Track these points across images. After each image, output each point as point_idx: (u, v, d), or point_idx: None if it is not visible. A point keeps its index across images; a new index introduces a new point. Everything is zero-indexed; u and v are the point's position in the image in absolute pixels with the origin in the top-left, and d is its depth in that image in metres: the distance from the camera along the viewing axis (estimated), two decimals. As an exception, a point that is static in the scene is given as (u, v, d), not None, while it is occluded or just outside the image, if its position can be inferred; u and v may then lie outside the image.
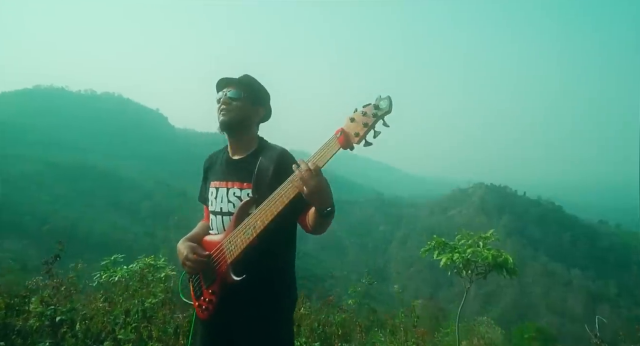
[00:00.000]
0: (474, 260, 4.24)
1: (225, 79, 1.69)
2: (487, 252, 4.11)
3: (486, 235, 4.44)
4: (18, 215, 55.24)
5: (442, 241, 4.56)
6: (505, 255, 4.12)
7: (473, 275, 4.31)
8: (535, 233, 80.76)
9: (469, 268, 4.29)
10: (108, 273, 4.64)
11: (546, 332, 20.30)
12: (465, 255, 4.20)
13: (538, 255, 70.13)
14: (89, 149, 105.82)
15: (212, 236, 1.65)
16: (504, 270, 4.09)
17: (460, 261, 4.22)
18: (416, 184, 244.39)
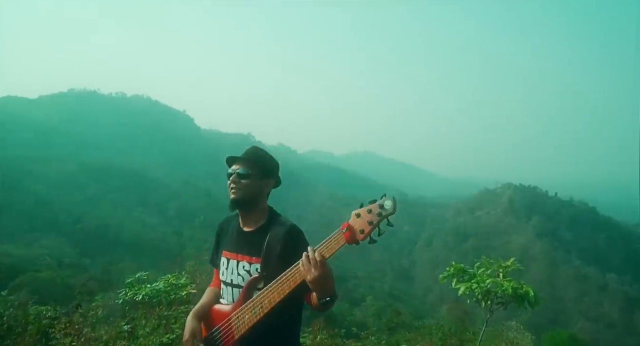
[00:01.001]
0: (493, 291, 4.13)
1: (233, 157, 1.77)
2: (507, 283, 4.01)
3: (507, 264, 4.32)
4: (54, 214, 57.81)
5: (460, 268, 4.46)
6: (526, 287, 3.99)
7: (492, 305, 4.21)
8: (568, 235, 77.84)
9: (489, 298, 4.18)
10: (133, 290, 4.79)
11: (579, 339, 19.44)
12: (484, 286, 4.10)
13: (571, 258, 67.66)
14: (119, 150, 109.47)
15: (223, 306, 1.71)
16: (525, 301, 3.98)
17: (479, 292, 4.12)
18: (442, 184, 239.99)
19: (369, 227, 1.41)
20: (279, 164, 1.82)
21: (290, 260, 1.50)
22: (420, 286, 67.95)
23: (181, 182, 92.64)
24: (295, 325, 1.72)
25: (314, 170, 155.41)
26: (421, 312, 34.99)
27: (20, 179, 65.67)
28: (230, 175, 1.72)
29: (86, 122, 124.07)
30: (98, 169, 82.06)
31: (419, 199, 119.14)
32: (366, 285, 50.63)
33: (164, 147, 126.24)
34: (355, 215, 1.45)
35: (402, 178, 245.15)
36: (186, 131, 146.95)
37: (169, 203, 78.32)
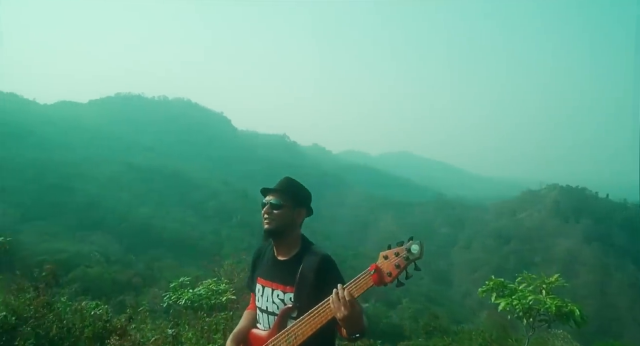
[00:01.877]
0: (535, 307, 3.95)
1: (267, 188, 1.84)
2: (550, 301, 3.81)
3: (550, 280, 4.10)
4: (102, 212, 61.24)
5: (500, 282, 4.30)
6: (571, 306, 3.77)
7: (535, 322, 4.03)
8: (621, 239, 72.91)
9: (531, 315, 4.01)
10: (176, 295, 5.04)
11: (635, 351, 18.12)
12: (526, 302, 3.93)
13: (624, 264, 63.44)
14: (161, 151, 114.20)
15: (260, 331, 1.80)
16: (571, 320, 3.76)
17: (521, 309, 3.96)
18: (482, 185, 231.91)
19: (396, 271, 1.45)
20: (311, 194, 1.89)
21: (323, 289, 1.55)
22: (459, 289, 66.00)
23: (219, 182, 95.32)
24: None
25: (349, 171, 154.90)
26: (459, 316, 34.04)
27: (72, 179, 70.17)
28: (264, 206, 1.79)
29: (131, 125, 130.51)
30: (142, 170, 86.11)
31: (457, 200, 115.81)
32: (402, 287, 49.82)
33: (203, 148, 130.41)
34: (383, 256, 1.49)
35: (440, 178, 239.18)
36: (224, 132, 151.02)
37: (207, 202, 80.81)
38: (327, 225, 78.80)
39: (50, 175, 67.93)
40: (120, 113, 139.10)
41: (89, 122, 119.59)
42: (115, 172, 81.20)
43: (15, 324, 3.46)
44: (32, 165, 69.21)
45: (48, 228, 48.41)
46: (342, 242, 69.94)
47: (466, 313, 42.27)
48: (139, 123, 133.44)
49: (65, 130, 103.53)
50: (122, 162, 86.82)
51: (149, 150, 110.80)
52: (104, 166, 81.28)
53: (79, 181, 70.62)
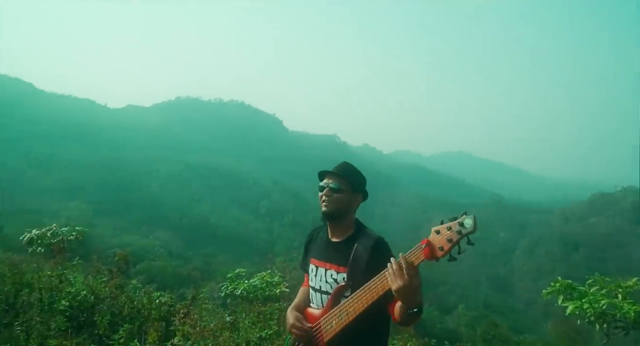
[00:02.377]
0: (610, 313, 3.56)
1: (326, 171, 1.87)
2: (627, 306, 3.41)
3: (627, 284, 3.67)
4: (165, 209, 65.37)
5: (568, 284, 3.93)
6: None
7: (610, 329, 3.64)
8: None
9: (604, 320, 3.62)
10: (233, 285, 5.31)
11: None
12: (598, 306, 3.56)
13: None
14: (217, 151, 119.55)
15: (313, 310, 1.85)
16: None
17: (592, 314, 3.59)
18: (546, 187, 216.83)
19: (449, 245, 1.41)
20: (366, 179, 1.91)
21: (375, 271, 1.55)
22: (520, 298, 62.17)
23: (271, 181, 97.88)
24: (381, 333, 1.77)
25: (400, 171, 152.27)
26: (521, 326, 32.14)
27: (139, 178, 75.69)
28: (323, 189, 1.82)
29: (190, 126, 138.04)
30: (199, 169, 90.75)
31: (518, 203, 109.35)
32: (457, 292, 47.99)
33: (256, 148, 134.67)
34: (434, 231, 1.46)
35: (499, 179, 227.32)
36: (276, 133, 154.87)
37: (260, 201, 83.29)
38: (379, 224, 77.82)
39: (119, 174, 73.84)
40: (180, 115, 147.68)
41: (153, 124, 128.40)
42: (176, 171, 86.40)
43: (94, 302, 3.77)
44: (104, 164, 75.68)
45: (118, 223, 52.49)
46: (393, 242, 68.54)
47: (529, 323, 39.76)
48: (196, 125, 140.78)
49: (132, 132, 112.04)
50: (182, 161, 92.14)
51: (206, 150, 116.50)
52: (166, 165, 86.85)
53: (144, 179, 76.04)
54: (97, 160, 77.34)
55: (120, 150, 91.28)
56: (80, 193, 62.16)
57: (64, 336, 3.17)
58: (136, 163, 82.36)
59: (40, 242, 5.13)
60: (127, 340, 3.25)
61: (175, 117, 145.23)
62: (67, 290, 3.92)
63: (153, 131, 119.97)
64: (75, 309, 3.68)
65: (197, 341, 3.34)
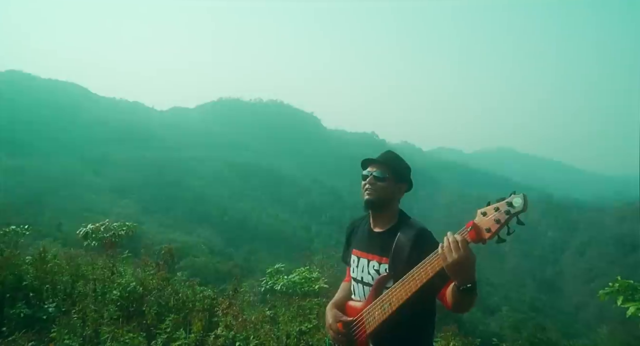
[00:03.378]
0: None
1: (370, 159, 1.82)
2: None
3: None
4: (207, 207, 67.68)
5: (629, 284, 3.69)
6: None
7: None
8: None
9: None
10: (272, 280, 5.46)
11: None
12: None
13: None
14: (257, 150, 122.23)
15: (355, 302, 1.81)
16: None
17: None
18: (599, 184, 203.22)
19: (497, 226, 1.32)
20: (411, 169, 1.86)
21: (418, 260, 1.50)
22: (570, 301, 58.83)
23: (310, 180, 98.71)
24: (427, 325, 1.72)
25: (441, 169, 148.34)
26: (572, 331, 30.48)
27: (183, 177, 78.93)
28: (366, 177, 1.77)
29: (232, 126, 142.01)
30: (240, 168, 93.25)
31: (567, 201, 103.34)
32: (501, 293, 46.22)
33: (295, 147, 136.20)
34: (481, 213, 1.38)
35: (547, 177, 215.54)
36: (314, 132, 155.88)
37: (299, 199, 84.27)
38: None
39: (165, 173, 77.34)
40: (222, 116, 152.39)
41: (197, 125, 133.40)
42: (218, 169, 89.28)
43: (142, 293, 4.00)
44: (152, 164, 79.54)
45: (164, 221, 54.93)
46: (433, 243, 67.09)
47: (580, 327, 37.58)
48: (237, 125, 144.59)
49: (178, 133, 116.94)
50: (223, 160, 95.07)
51: (246, 149, 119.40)
52: (208, 164, 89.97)
53: (189, 178, 79.18)
54: (145, 160, 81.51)
55: (166, 150, 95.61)
56: (130, 192, 65.70)
57: (116, 325, 3.39)
58: (181, 163, 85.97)
59: (95, 236, 5.49)
60: (173, 330, 3.43)
61: (217, 118, 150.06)
62: (118, 281, 4.19)
63: (197, 131, 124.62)
64: (126, 299, 3.92)
65: (239, 332, 3.45)
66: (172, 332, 3.41)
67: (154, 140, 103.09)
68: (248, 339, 3.46)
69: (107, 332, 3.22)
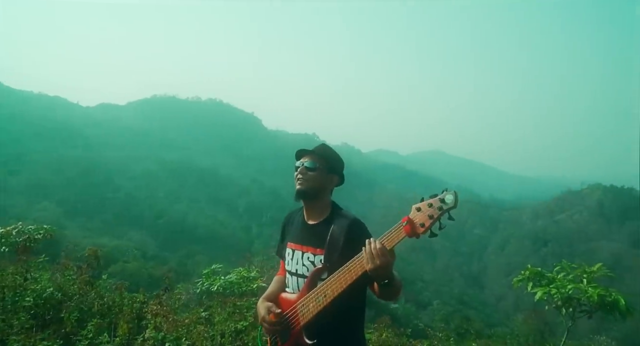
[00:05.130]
0: (576, 297, 3.79)
1: (303, 149, 1.86)
2: (592, 290, 3.64)
3: (592, 269, 3.91)
4: (139, 209, 63.79)
5: (537, 271, 4.15)
6: (615, 295, 3.58)
7: (575, 313, 3.88)
8: (671, 243, 68.28)
9: (570, 305, 3.85)
10: (209, 281, 5.26)
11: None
12: (565, 291, 3.77)
13: (675, 270, 59.38)
14: (194, 150, 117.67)
15: (288, 294, 1.81)
16: (615, 311, 3.57)
17: (559, 298, 3.80)
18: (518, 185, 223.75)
19: (430, 221, 1.41)
20: (344, 164, 1.89)
21: (352, 251, 1.54)
22: (492, 293, 64.05)
23: (250, 180, 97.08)
24: (359, 315, 1.76)
25: (379, 170, 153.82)
26: (493, 320, 33.09)
27: (113, 177, 73.60)
28: (298, 168, 1.81)
29: (167, 125, 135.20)
30: (176, 168, 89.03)
31: (491, 200, 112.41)
32: (433, 289, 49.01)
33: (235, 147, 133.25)
34: (415, 209, 1.47)
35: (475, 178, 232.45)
36: (254, 132, 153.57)
37: (238, 200, 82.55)
38: (357, 224, 78.14)
39: (92, 174, 71.52)
40: (156, 114, 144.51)
41: (128, 123, 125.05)
42: (152, 170, 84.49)
43: (61, 299, 3.69)
44: (76, 164, 73.09)
45: (90, 224, 50.87)
46: (371, 242, 69.27)
47: (500, 317, 41.00)
48: (173, 124, 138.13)
49: (107, 131, 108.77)
50: (158, 160, 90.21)
51: (183, 148, 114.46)
52: (141, 164, 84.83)
53: (119, 179, 74.02)
54: (68, 159, 74.62)
55: (93, 149, 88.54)
56: (50, 194, 59.87)
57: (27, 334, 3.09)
58: (110, 163, 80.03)
59: (5, 240, 4.93)
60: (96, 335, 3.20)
61: (151, 116, 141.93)
62: (32, 287, 3.82)
63: (128, 129, 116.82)
64: (41, 307, 3.60)
65: (169, 332, 3.32)
66: (94, 338, 3.19)
67: (78, 138, 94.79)
68: (179, 340, 3.34)
69: (16, 342, 2.93)
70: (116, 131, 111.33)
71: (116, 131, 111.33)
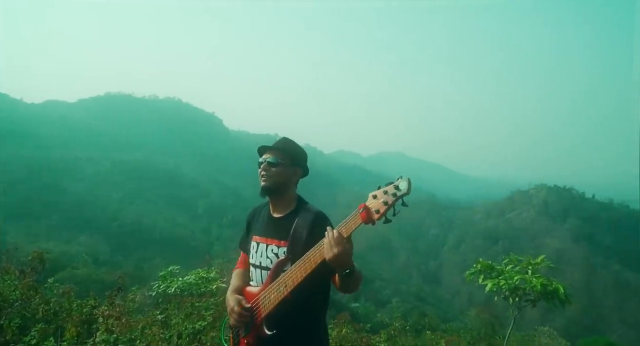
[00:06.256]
0: (522, 288, 4.10)
1: (265, 146, 1.87)
2: (535, 280, 3.96)
3: (536, 261, 4.26)
4: (91, 212, 60.44)
5: (488, 264, 4.44)
6: (556, 284, 3.94)
7: (521, 302, 4.20)
8: (607, 239, 74.16)
9: (517, 295, 4.16)
10: (166, 283, 5.09)
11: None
12: (512, 282, 4.08)
13: (609, 263, 64.58)
14: (152, 150, 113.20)
15: (252, 287, 1.82)
16: (556, 299, 3.92)
17: (507, 289, 4.11)
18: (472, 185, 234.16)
19: (384, 207, 1.46)
20: (307, 155, 1.91)
21: (315, 243, 1.57)
22: (448, 289, 66.64)
23: (210, 181, 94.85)
24: (321, 306, 1.78)
25: (341, 171, 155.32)
26: (449, 315, 34.38)
27: (61, 179, 69.21)
28: (261, 164, 1.82)
29: (122, 124, 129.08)
30: (132, 169, 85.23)
31: (448, 201, 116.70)
32: (392, 287, 50.16)
33: (194, 148, 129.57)
34: (371, 196, 1.51)
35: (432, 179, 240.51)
36: (215, 132, 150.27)
37: (198, 201, 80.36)
38: (319, 225, 78.43)
39: (37, 175, 66.92)
40: (110, 112, 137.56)
41: (79, 121, 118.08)
42: (105, 171, 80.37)
43: (1, 306, 3.48)
44: (19, 164, 68.06)
45: (35, 229, 47.64)
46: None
47: (455, 312, 42.70)
48: (129, 123, 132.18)
49: (55, 130, 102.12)
50: (113, 160, 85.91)
51: (140, 149, 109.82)
52: (93, 165, 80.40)
53: (68, 180, 69.73)
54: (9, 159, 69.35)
55: (38, 148, 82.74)
56: (-11, 197, 55.39)
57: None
58: (58, 163, 75.20)
59: None
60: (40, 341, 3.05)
61: (104, 114, 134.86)
62: (-35, 296, 3.57)
63: (78, 128, 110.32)
64: (-24, 315, 3.36)
65: (123, 334, 3.23)
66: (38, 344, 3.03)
67: (21, 137, 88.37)
68: (133, 342, 3.26)
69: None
70: (65, 130, 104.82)
71: (65, 130, 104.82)
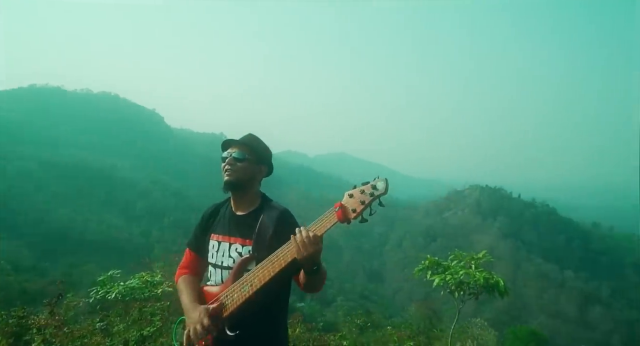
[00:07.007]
0: (466, 282, 4.31)
1: (230, 140, 1.80)
2: (479, 274, 4.18)
3: (478, 256, 4.50)
4: (12, 215, 54.80)
5: (435, 261, 4.62)
6: (496, 277, 4.19)
7: (465, 295, 4.41)
8: (530, 235, 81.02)
9: (462, 289, 4.37)
10: (105, 288, 4.72)
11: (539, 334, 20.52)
12: (457, 277, 4.27)
13: (532, 257, 70.37)
14: (84, 148, 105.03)
15: (211, 287, 1.72)
16: (496, 291, 4.18)
17: (453, 283, 4.29)
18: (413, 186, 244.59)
19: (361, 206, 1.45)
20: (272, 154, 1.89)
21: (282, 242, 1.54)
22: (390, 286, 69.04)
23: (150, 181, 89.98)
24: (283, 306, 1.75)
25: (288, 171, 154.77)
26: (391, 311, 35.60)
27: (-25, 178, 62.05)
28: (225, 158, 1.75)
29: (49, 119, 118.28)
30: (62, 168, 78.50)
31: (391, 201, 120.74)
32: (337, 286, 50.91)
33: (132, 146, 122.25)
34: (348, 195, 1.50)
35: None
36: (156, 130, 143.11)
37: (136, 202, 75.96)
38: (265, 225, 77.41)
39: (-54, 173, 59.50)
40: (36, 106, 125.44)
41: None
42: (29, 170, 73.20)
43: None
44: None
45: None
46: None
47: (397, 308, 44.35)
48: (58, 118, 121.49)
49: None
50: (37, 158, 78.44)
51: (70, 146, 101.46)
52: (14, 163, 72.77)
53: (-16, 180, 62.64)
54: None
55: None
56: None
57: None
58: (-28, 161, 67.43)
59: None
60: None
61: (29, 108, 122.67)
62: None
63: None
64: None
65: (64, 345, 3.06)
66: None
67: None
68: None
69: None
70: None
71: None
